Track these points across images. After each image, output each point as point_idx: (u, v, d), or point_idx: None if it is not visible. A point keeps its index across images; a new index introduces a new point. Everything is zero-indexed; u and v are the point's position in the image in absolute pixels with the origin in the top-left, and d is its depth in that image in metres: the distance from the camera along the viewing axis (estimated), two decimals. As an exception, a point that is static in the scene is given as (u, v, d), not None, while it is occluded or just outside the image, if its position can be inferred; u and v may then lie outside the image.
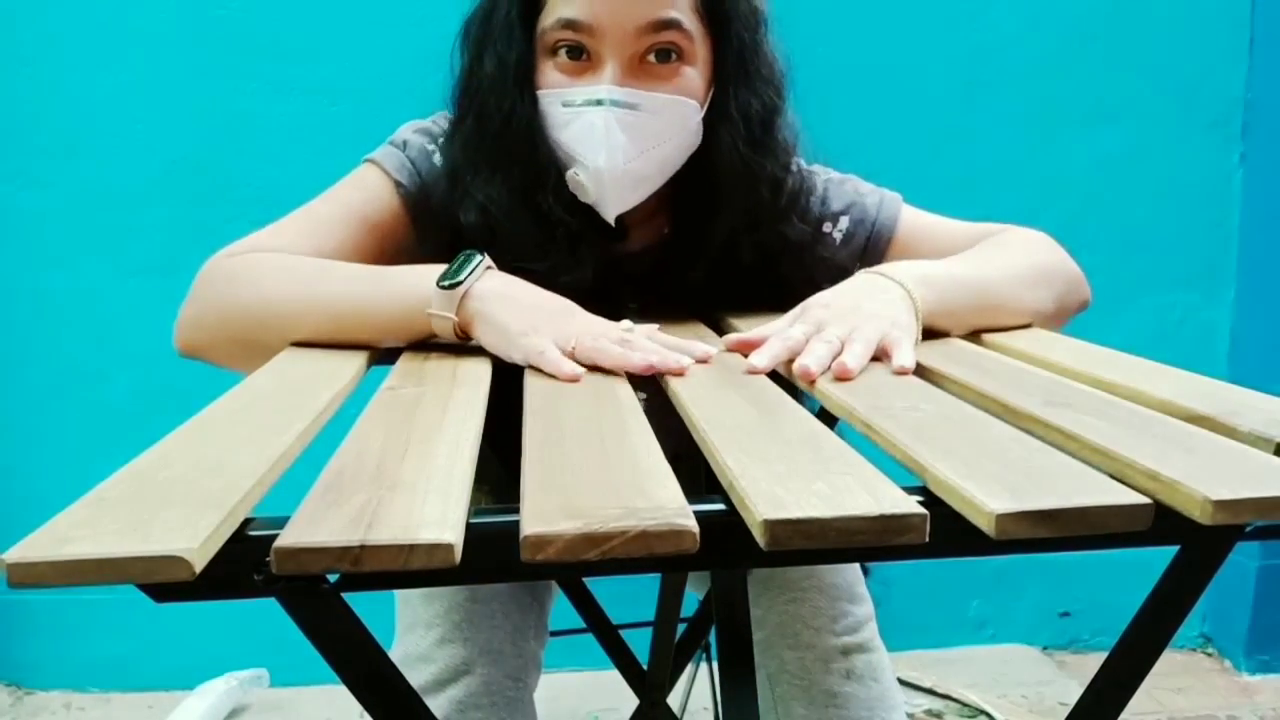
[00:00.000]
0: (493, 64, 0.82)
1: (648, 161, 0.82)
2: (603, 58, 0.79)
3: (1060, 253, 0.88)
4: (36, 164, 1.74)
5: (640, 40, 0.79)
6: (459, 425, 0.54)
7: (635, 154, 0.81)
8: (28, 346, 1.78)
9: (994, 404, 0.58)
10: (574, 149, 0.81)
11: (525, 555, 0.38)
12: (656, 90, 0.80)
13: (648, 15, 0.78)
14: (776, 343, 0.67)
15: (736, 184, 0.85)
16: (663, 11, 0.78)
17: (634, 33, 0.78)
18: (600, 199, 0.83)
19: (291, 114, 1.75)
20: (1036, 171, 1.89)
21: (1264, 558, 1.89)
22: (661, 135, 0.82)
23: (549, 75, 0.81)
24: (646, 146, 0.81)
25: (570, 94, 0.80)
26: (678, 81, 0.81)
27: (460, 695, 0.87)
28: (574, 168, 0.82)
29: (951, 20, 1.84)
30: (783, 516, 0.39)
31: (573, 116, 0.80)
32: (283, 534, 0.38)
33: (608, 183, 0.81)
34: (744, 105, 0.84)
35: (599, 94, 0.79)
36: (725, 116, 0.84)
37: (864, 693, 0.91)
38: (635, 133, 0.80)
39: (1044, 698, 1.85)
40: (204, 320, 0.79)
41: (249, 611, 0.66)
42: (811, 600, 0.93)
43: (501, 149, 0.81)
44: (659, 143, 0.82)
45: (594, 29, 0.78)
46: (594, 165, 0.80)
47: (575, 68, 0.80)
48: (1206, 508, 0.40)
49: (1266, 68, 1.88)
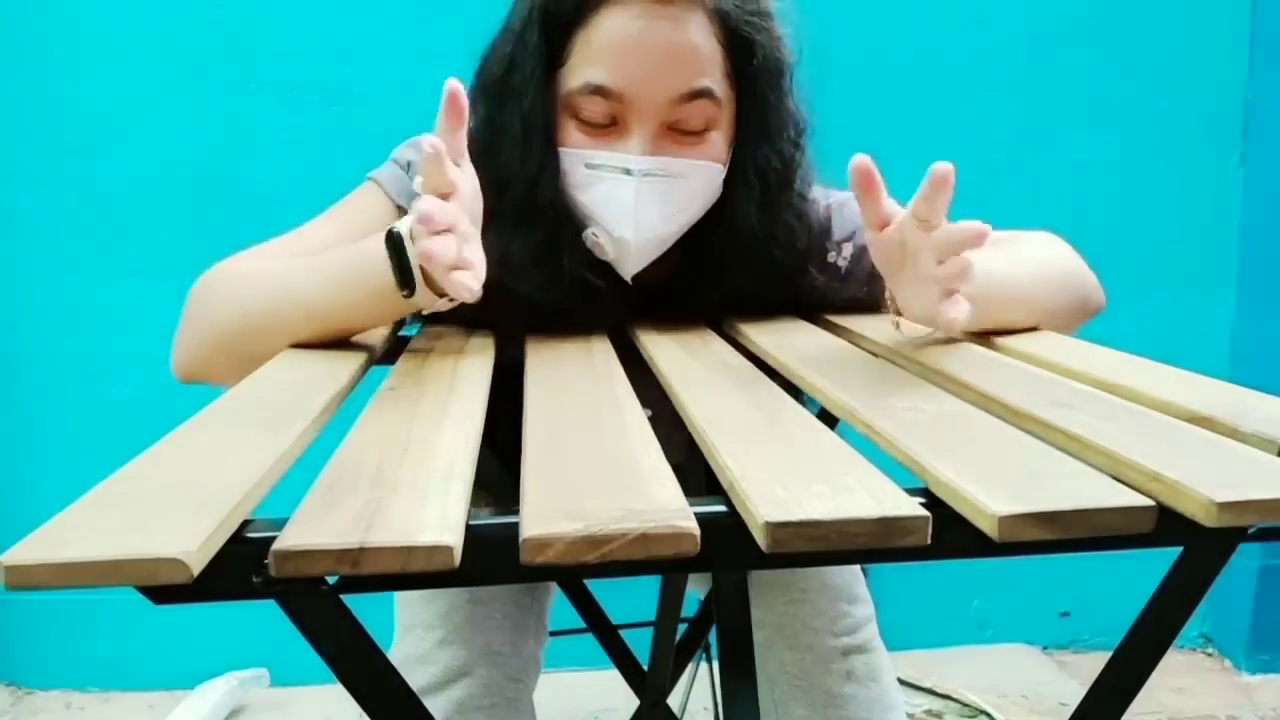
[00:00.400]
0: (514, 121, 0.78)
1: (672, 225, 0.80)
2: (629, 123, 0.77)
3: (1076, 257, 0.87)
4: (36, 164, 1.74)
5: (671, 109, 0.76)
6: (459, 426, 0.53)
7: (662, 222, 0.79)
8: (28, 346, 1.78)
9: (996, 405, 0.58)
10: (595, 212, 0.79)
11: (525, 557, 0.38)
12: (684, 157, 0.78)
13: (682, 87, 0.76)
14: None
15: (749, 245, 0.83)
16: (697, 81, 0.76)
17: (666, 103, 0.76)
18: (621, 262, 0.81)
19: (291, 115, 1.75)
20: (1036, 171, 1.89)
21: (1264, 558, 1.89)
22: (688, 201, 0.80)
23: (571, 134, 0.78)
24: (672, 213, 0.79)
25: (595, 157, 0.78)
26: (704, 147, 0.79)
27: (460, 696, 0.87)
28: (593, 228, 0.80)
29: (951, 20, 1.84)
30: (784, 518, 0.39)
31: (595, 180, 0.78)
32: (281, 536, 0.38)
33: (632, 251, 0.79)
34: (762, 164, 0.82)
35: (628, 164, 0.77)
36: (743, 177, 0.82)
37: (863, 694, 0.91)
38: (664, 201, 0.78)
39: (1044, 698, 1.85)
40: (197, 340, 0.76)
41: (249, 612, 0.66)
42: (811, 601, 0.93)
43: (521, 206, 0.79)
44: (685, 208, 0.80)
45: (624, 98, 0.75)
46: (619, 234, 0.78)
47: (599, 131, 0.78)
48: (1210, 510, 0.40)
49: (1266, 68, 1.88)
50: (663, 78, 0.75)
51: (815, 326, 0.88)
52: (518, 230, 0.79)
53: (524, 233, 0.79)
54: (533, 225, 0.79)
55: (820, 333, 0.85)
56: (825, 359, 0.72)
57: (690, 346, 0.78)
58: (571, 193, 0.79)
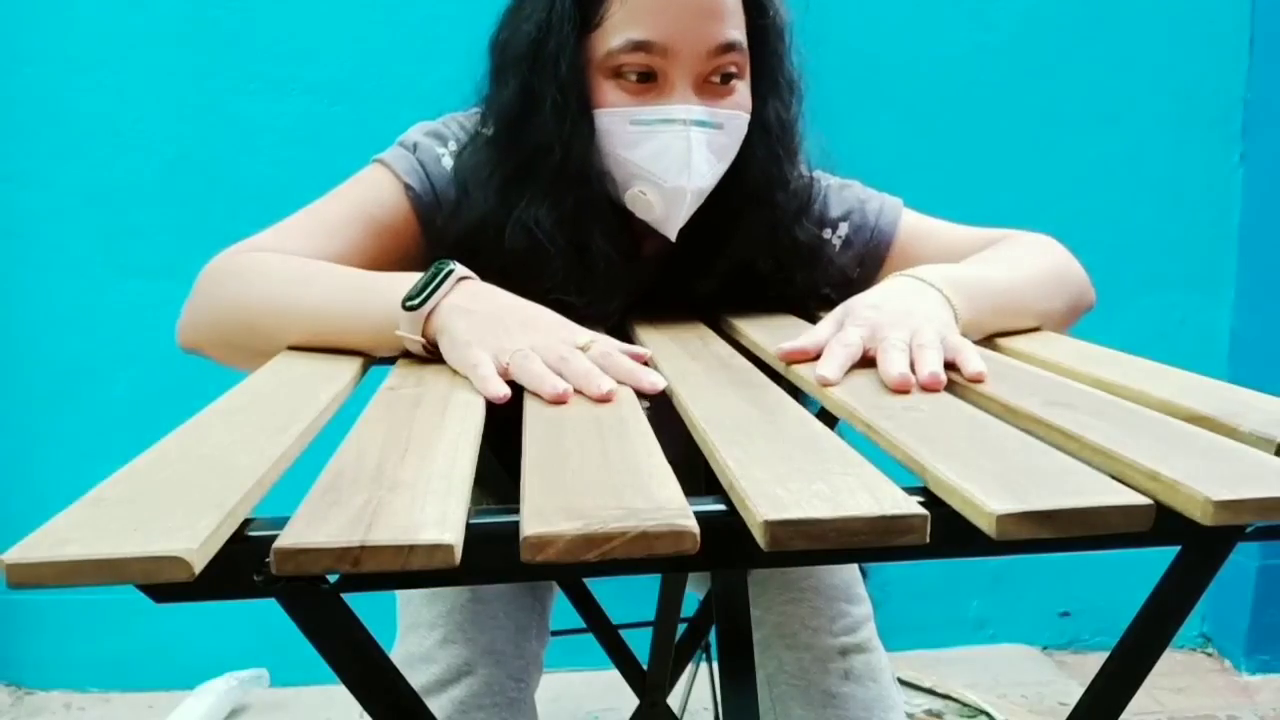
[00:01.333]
0: (550, 87, 0.79)
1: (714, 174, 0.83)
2: (672, 79, 0.79)
3: (1069, 256, 0.88)
4: (36, 164, 1.74)
5: (709, 61, 0.79)
6: (459, 425, 0.53)
7: (709, 170, 0.81)
8: (28, 346, 1.78)
9: (994, 404, 0.58)
10: (647, 166, 0.80)
11: (525, 556, 0.38)
12: (720, 107, 0.81)
13: (718, 38, 0.78)
14: (840, 350, 0.64)
15: (764, 191, 0.86)
16: (730, 33, 0.79)
17: (705, 55, 0.78)
18: (668, 217, 0.82)
19: (291, 114, 1.75)
20: (1037, 171, 1.89)
21: (1264, 558, 1.89)
22: (729, 150, 0.83)
23: (609, 95, 0.80)
24: (717, 161, 0.82)
25: (642, 113, 0.79)
26: (735, 97, 0.82)
27: (462, 695, 0.87)
28: (638, 186, 0.81)
29: (952, 20, 1.84)
30: (783, 517, 0.39)
31: (644, 135, 0.79)
32: (282, 534, 0.38)
33: (687, 201, 0.81)
34: (775, 115, 0.86)
35: (677, 113, 0.79)
36: (761, 126, 0.85)
37: (862, 693, 0.91)
38: (711, 149, 0.80)
39: (1044, 698, 1.85)
40: (200, 320, 0.78)
41: (249, 611, 0.66)
42: (809, 601, 0.93)
43: (556, 174, 0.80)
44: (727, 158, 0.83)
45: (668, 50, 0.77)
46: (673, 184, 0.80)
47: (641, 88, 0.79)
48: (1208, 508, 0.40)
49: (1266, 68, 1.88)
50: (701, 30, 0.78)
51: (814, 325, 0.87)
52: (548, 197, 0.80)
53: (554, 200, 0.80)
54: (565, 192, 0.81)
55: (820, 332, 0.85)
56: (825, 359, 0.72)
57: (689, 345, 0.78)
58: (619, 152, 0.81)
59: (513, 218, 0.80)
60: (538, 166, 0.80)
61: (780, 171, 0.87)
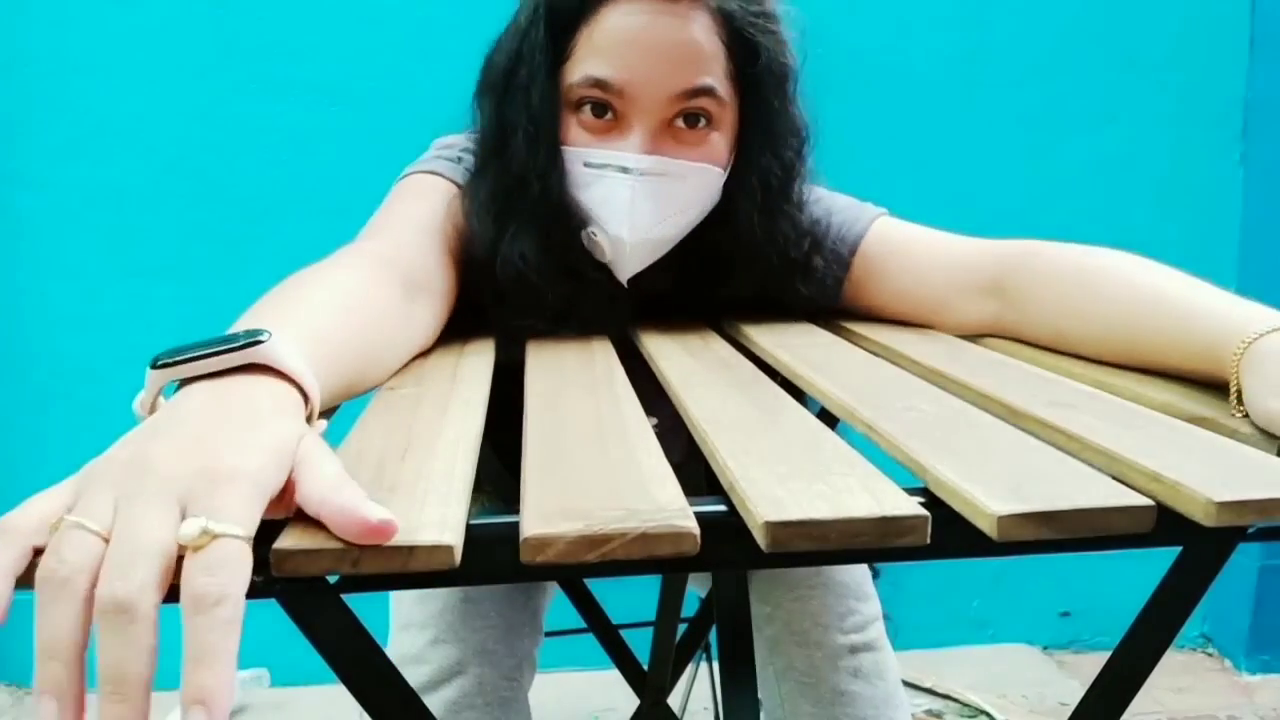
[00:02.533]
0: (521, 119, 0.77)
1: (669, 227, 0.79)
2: (630, 121, 0.76)
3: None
4: (37, 164, 1.74)
5: (672, 106, 0.75)
6: (459, 426, 0.53)
7: (657, 222, 0.78)
8: (28, 346, 1.78)
9: (995, 404, 0.58)
10: (594, 211, 0.78)
11: (525, 557, 0.38)
12: (684, 157, 0.77)
13: (683, 84, 0.74)
14: None
15: (750, 252, 0.83)
16: (699, 79, 0.75)
17: (666, 100, 0.75)
18: (617, 264, 0.80)
19: (291, 114, 1.75)
20: (1037, 172, 1.89)
21: (1264, 558, 1.89)
22: (686, 202, 0.79)
23: (572, 131, 0.77)
24: (670, 214, 0.78)
25: (594, 155, 0.77)
26: (705, 149, 0.78)
27: (454, 696, 0.87)
28: (592, 227, 0.79)
29: (951, 20, 1.84)
30: (784, 518, 0.39)
31: (594, 179, 0.77)
32: (282, 536, 0.38)
33: (627, 252, 0.78)
34: (765, 171, 0.81)
35: (625, 161, 0.76)
36: (745, 184, 0.81)
37: (870, 691, 0.91)
38: (661, 201, 0.77)
39: (1044, 698, 1.85)
40: None
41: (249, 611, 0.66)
42: (819, 598, 0.93)
43: (532, 207, 0.78)
44: (683, 210, 0.79)
45: (624, 93, 0.74)
46: (615, 233, 0.77)
47: (600, 126, 0.77)
48: (1209, 509, 0.40)
49: (1266, 68, 1.88)
50: (664, 74, 0.74)
51: (815, 326, 0.88)
52: (529, 228, 0.78)
53: (536, 231, 0.78)
54: (545, 223, 0.78)
55: (820, 332, 0.85)
56: (825, 359, 0.72)
57: (690, 346, 0.78)
58: (572, 192, 0.78)
59: (500, 251, 0.78)
60: (518, 199, 0.78)
61: (773, 226, 0.82)
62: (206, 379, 0.43)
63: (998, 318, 0.79)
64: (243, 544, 0.35)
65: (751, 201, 0.81)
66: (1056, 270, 0.75)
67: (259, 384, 0.43)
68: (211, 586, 0.34)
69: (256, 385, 0.43)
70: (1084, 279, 0.72)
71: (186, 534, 0.34)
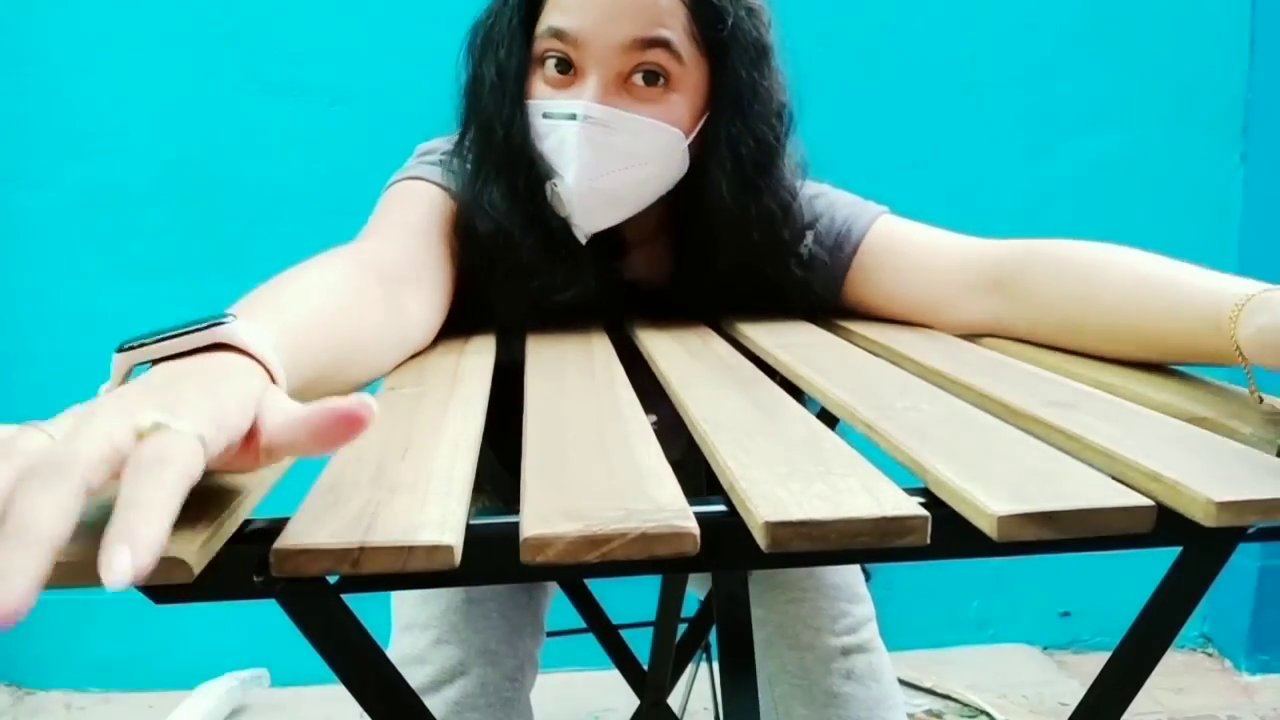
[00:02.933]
0: (492, 71, 0.80)
1: (618, 182, 0.79)
2: (586, 72, 0.77)
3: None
4: (36, 164, 1.74)
5: (626, 58, 0.76)
6: (459, 426, 0.53)
7: (602, 173, 0.78)
8: (28, 346, 1.78)
9: (995, 405, 0.58)
10: (551, 161, 0.79)
11: (525, 557, 0.38)
12: (637, 111, 0.78)
13: (635, 32, 0.76)
14: None
15: (727, 224, 0.83)
16: (652, 30, 0.76)
17: (619, 48, 0.76)
18: (571, 214, 0.81)
19: (291, 115, 1.75)
20: (1036, 172, 1.89)
21: (1264, 558, 1.89)
22: (636, 158, 0.79)
23: (537, 86, 0.80)
24: (616, 167, 0.79)
25: (550, 106, 0.79)
26: (662, 107, 0.78)
27: (456, 696, 0.87)
28: (554, 179, 0.80)
29: (951, 21, 1.84)
30: (784, 518, 0.39)
31: (550, 129, 0.79)
32: (282, 535, 0.38)
33: (575, 200, 0.79)
34: (735, 142, 0.81)
35: (574, 109, 0.77)
36: (714, 152, 0.81)
37: (864, 693, 0.91)
38: (605, 152, 0.78)
39: (1044, 698, 1.85)
40: None
41: (250, 611, 0.66)
42: (811, 600, 0.93)
43: (501, 157, 0.80)
44: (632, 165, 0.79)
45: (579, 41, 0.76)
46: (565, 181, 0.79)
47: (561, 80, 0.79)
48: (1209, 509, 0.40)
49: (1267, 68, 1.88)
50: (615, 23, 0.75)
51: (815, 326, 0.88)
52: (500, 177, 0.80)
53: (504, 180, 0.80)
54: (514, 175, 0.80)
55: (820, 332, 0.85)
56: (825, 359, 0.72)
57: (690, 346, 0.78)
58: (534, 143, 0.80)
59: (478, 202, 0.80)
60: (486, 148, 0.81)
61: (743, 205, 0.82)
62: (171, 360, 0.43)
63: (999, 315, 0.79)
64: (195, 441, 0.34)
65: (721, 170, 0.81)
66: (1058, 262, 0.75)
67: (224, 358, 0.43)
68: (155, 454, 0.33)
69: (221, 359, 0.43)
70: (1086, 268, 0.73)
71: (141, 422, 0.33)
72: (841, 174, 0.96)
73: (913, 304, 0.86)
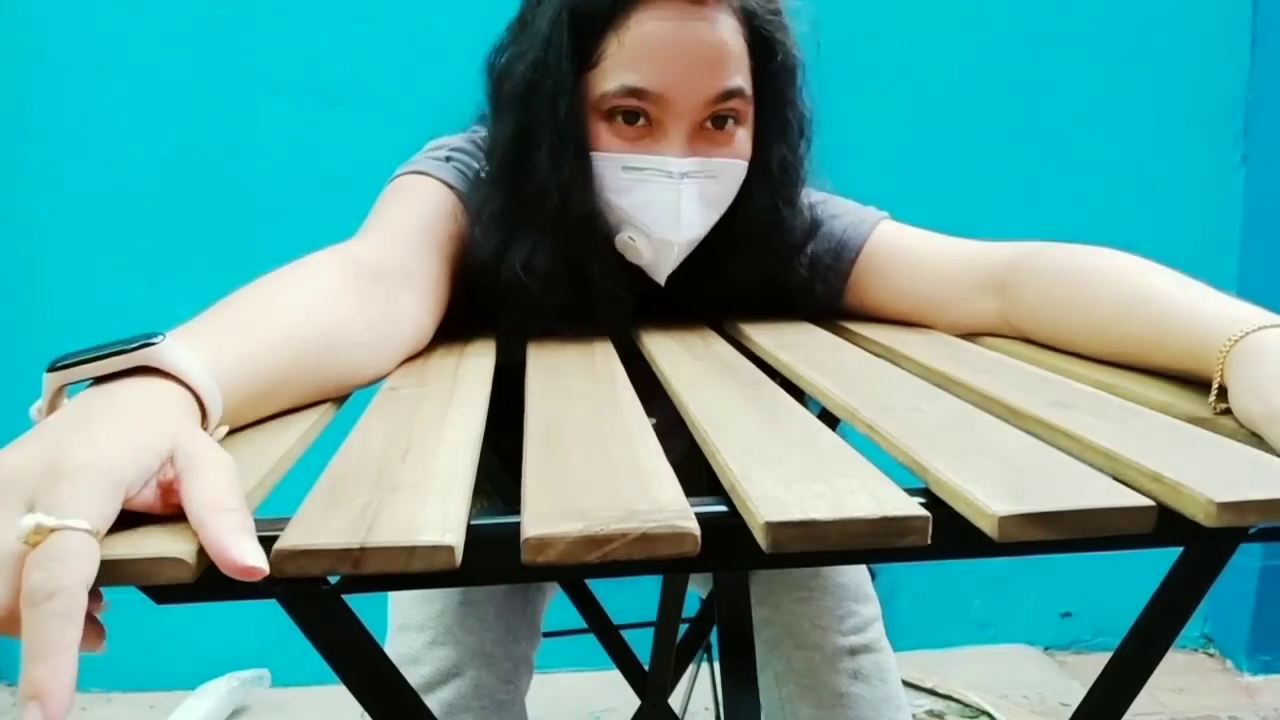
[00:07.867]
0: (547, 128, 0.76)
1: (707, 225, 0.80)
2: (665, 126, 0.76)
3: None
4: (36, 164, 1.74)
5: (706, 109, 0.76)
6: (460, 426, 0.53)
7: (700, 222, 0.79)
8: (28, 346, 1.78)
9: (996, 405, 0.58)
10: (635, 216, 0.78)
11: (526, 557, 0.38)
12: (716, 156, 0.78)
13: (717, 87, 0.75)
14: None
15: (759, 237, 0.84)
16: (730, 81, 0.76)
17: (702, 104, 0.76)
18: (657, 266, 0.81)
19: (292, 114, 1.75)
20: (1037, 172, 1.89)
21: (1266, 558, 1.89)
22: (723, 199, 0.80)
23: (605, 138, 0.77)
24: (710, 213, 0.80)
25: (634, 160, 0.77)
26: (734, 145, 0.79)
27: (450, 698, 0.87)
28: (627, 231, 0.79)
29: (951, 20, 1.84)
30: (784, 519, 0.39)
31: (635, 183, 0.77)
32: (283, 536, 0.38)
33: (675, 254, 0.79)
34: (780, 161, 0.83)
35: (669, 165, 0.76)
36: (763, 173, 0.82)
37: (870, 693, 0.91)
38: (703, 201, 0.78)
39: (1045, 698, 1.85)
40: None
41: (250, 611, 0.66)
42: (818, 600, 0.93)
43: (554, 216, 0.78)
44: (718, 207, 0.80)
45: (661, 99, 0.75)
46: (660, 236, 0.78)
47: (633, 132, 0.77)
48: (1210, 510, 0.40)
49: (1267, 68, 1.88)
50: (699, 79, 0.75)
51: (815, 326, 0.88)
52: (544, 238, 0.78)
53: (551, 242, 0.78)
54: (563, 234, 0.78)
55: (820, 333, 0.85)
56: (826, 359, 0.72)
57: (692, 347, 0.78)
58: (608, 197, 0.78)
59: (507, 258, 0.78)
60: (535, 208, 0.78)
61: (778, 214, 0.84)
62: (102, 382, 0.43)
63: (999, 316, 0.80)
64: (82, 536, 0.35)
65: (768, 189, 0.83)
66: (1055, 269, 0.75)
67: (149, 385, 0.43)
68: (44, 581, 0.33)
69: (146, 386, 0.43)
70: (1080, 278, 0.72)
71: (21, 529, 0.34)
72: (843, 175, 0.95)
73: (913, 307, 0.86)
